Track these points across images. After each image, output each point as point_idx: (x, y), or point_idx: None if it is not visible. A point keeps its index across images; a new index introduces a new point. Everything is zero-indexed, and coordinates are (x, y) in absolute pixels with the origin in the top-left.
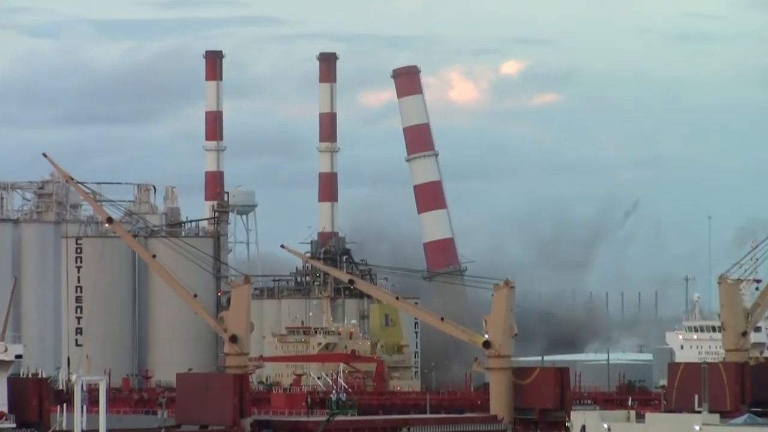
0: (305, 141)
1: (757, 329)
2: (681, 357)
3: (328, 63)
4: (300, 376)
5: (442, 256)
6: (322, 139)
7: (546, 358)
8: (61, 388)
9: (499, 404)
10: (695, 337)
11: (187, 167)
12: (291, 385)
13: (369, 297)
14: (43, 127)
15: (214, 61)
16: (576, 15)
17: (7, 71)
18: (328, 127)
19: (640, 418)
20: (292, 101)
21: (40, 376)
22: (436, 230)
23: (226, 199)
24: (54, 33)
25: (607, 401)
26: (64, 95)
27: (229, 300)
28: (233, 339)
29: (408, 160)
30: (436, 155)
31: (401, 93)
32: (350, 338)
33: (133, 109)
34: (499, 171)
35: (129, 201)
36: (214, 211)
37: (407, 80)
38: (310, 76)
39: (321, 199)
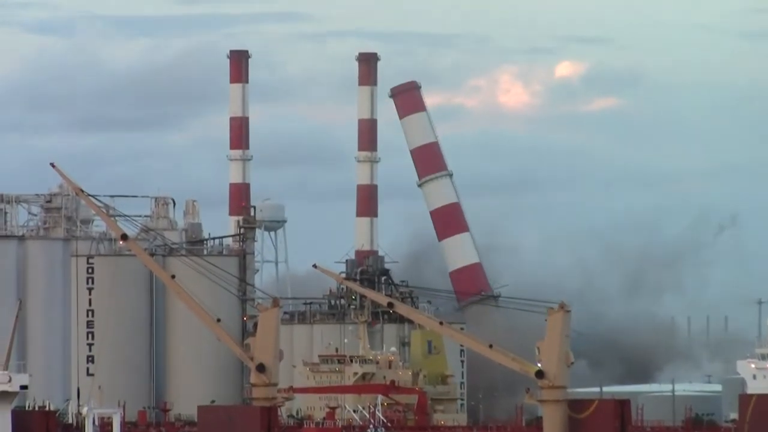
0: (341, 150)
1: None
2: (753, 388)
3: (368, 64)
4: (334, 409)
5: (472, 284)
6: (361, 147)
7: (605, 389)
8: (70, 421)
9: None
10: None
11: (210, 179)
12: (324, 418)
13: (410, 322)
14: (52, 134)
15: (239, 62)
16: (635, 10)
17: (12, 72)
18: (368, 134)
19: None
20: (326, 106)
21: (47, 408)
22: (461, 257)
23: (252, 213)
24: (64, 30)
25: None
26: (75, 98)
27: (255, 325)
28: (260, 368)
29: (420, 185)
30: (450, 175)
31: (403, 113)
32: (389, 367)
33: (152, 114)
34: (555, 182)
35: (145, 216)
36: (239, 227)
37: (408, 98)
38: (346, 79)
39: (359, 213)
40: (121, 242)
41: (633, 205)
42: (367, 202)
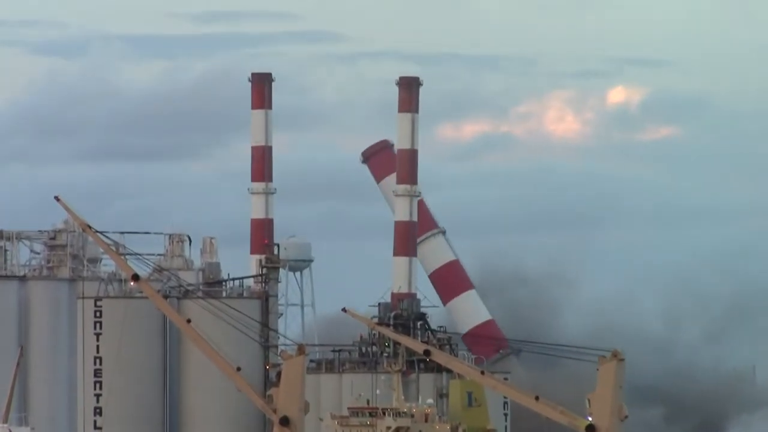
0: (372, 182)
1: None
2: None
3: (408, 89)
4: None
5: (489, 344)
6: (400, 180)
7: None
8: None
9: None
10: None
11: (230, 214)
12: None
13: (449, 371)
14: (61, 165)
15: (261, 86)
16: (699, 31)
17: (18, 96)
18: (408, 166)
19: None
20: (360, 134)
21: None
22: (470, 317)
23: (275, 252)
24: (76, 51)
25: None
26: (87, 126)
27: (279, 374)
28: (284, 421)
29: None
30: (443, 232)
31: (379, 176)
32: (426, 421)
33: (170, 143)
34: (617, 217)
35: (159, 254)
36: (261, 267)
37: (383, 159)
38: (381, 104)
39: (397, 252)
40: (132, 283)
41: (708, 242)
42: (406, 240)
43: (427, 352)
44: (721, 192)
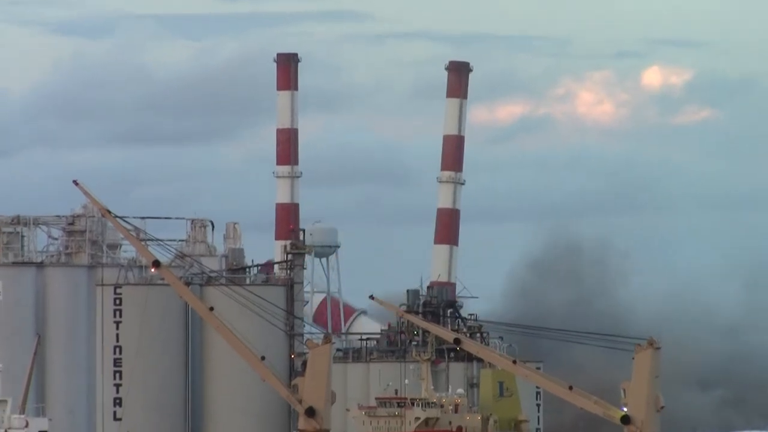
0: (411, 167)
1: None
2: None
3: (458, 74)
4: None
5: None
6: (444, 167)
7: None
8: None
9: None
10: None
11: (255, 199)
12: None
13: (479, 360)
14: (86, 148)
15: (287, 67)
16: (736, 10)
17: (43, 78)
18: (454, 153)
19: None
20: (394, 117)
21: None
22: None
23: (301, 238)
24: (97, 31)
25: None
26: (113, 108)
27: (305, 363)
28: (310, 412)
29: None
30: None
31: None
32: (456, 411)
33: (198, 126)
34: (650, 204)
35: (181, 240)
36: (286, 253)
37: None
38: (417, 86)
39: (438, 240)
40: (152, 270)
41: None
42: (448, 227)
43: (457, 341)
44: (761, 179)
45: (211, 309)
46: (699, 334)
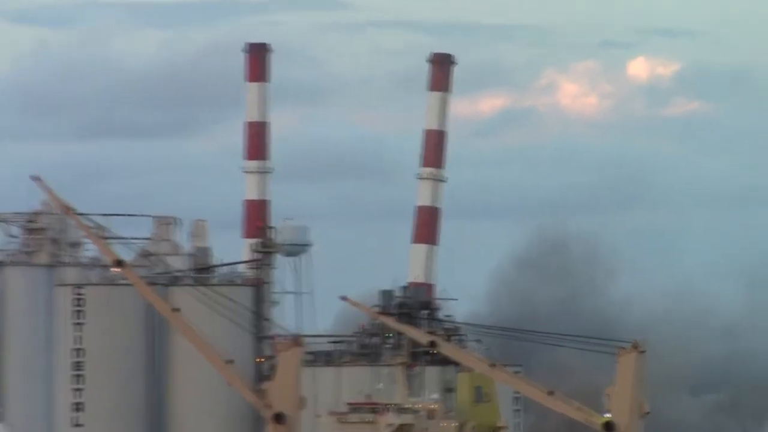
0: (389, 163)
1: None
2: None
3: (441, 67)
4: None
5: None
6: (426, 163)
7: None
8: None
9: None
10: None
11: (224, 195)
12: None
13: (456, 364)
14: (48, 142)
15: (257, 57)
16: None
17: (2, 69)
18: (435, 148)
19: None
20: (373, 110)
21: None
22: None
23: (270, 236)
24: (61, 20)
25: None
26: (77, 101)
27: (273, 367)
28: (279, 418)
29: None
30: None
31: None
32: (431, 417)
33: (162, 119)
34: (640, 201)
35: (145, 238)
36: (255, 252)
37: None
38: (397, 78)
39: (417, 239)
40: (115, 269)
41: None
42: (427, 226)
43: (432, 344)
44: (756, 177)
45: (177, 310)
46: (694, 335)
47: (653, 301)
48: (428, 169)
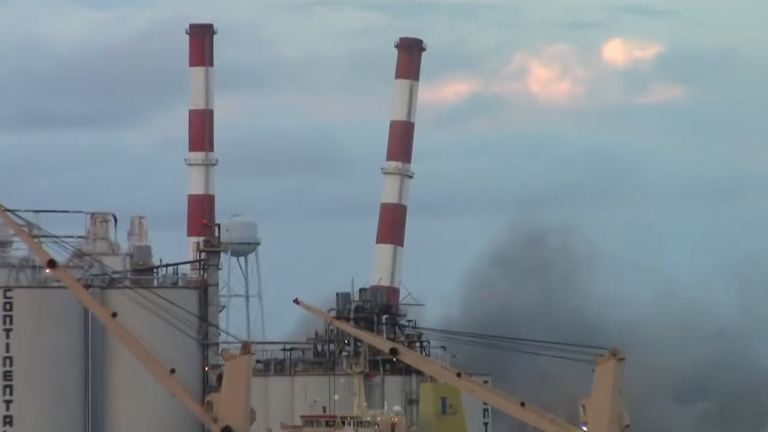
0: (344, 154)
1: None
2: None
3: (409, 53)
4: None
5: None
6: (391, 156)
7: None
8: None
9: None
10: None
11: (164, 189)
12: None
13: (419, 373)
14: None
15: (201, 39)
16: None
17: None
18: (402, 141)
19: None
20: (326, 96)
21: None
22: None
23: (216, 234)
24: None
25: None
26: (2, 88)
27: (220, 377)
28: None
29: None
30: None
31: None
32: (392, 431)
33: (98, 107)
34: (619, 194)
35: (79, 237)
36: (199, 251)
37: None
38: (352, 62)
39: (381, 239)
40: (47, 270)
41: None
42: (392, 225)
43: (393, 351)
44: (742, 166)
45: (114, 315)
46: (681, 338)
47: (638, 302)
48: (394, 163)
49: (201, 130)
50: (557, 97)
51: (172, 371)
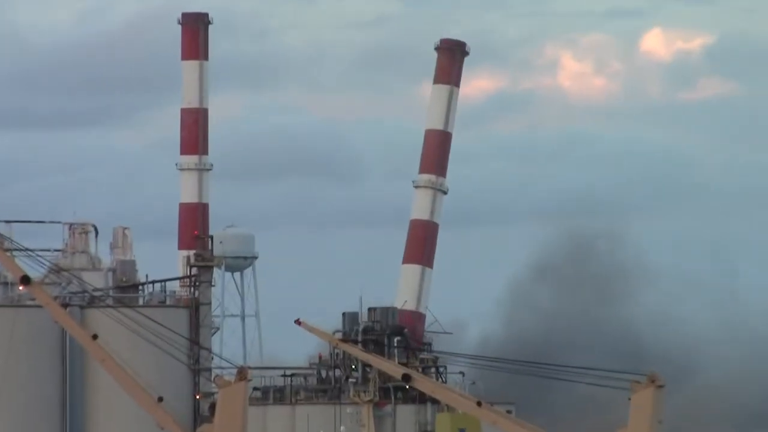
0: (353, 157)
1: None
2: None
3: (451, 56)
4: None
5: None
6: (424, 169)
7: None
8: None
9: None
10: None
11: (152, 197)
12: None
13: (435, 402)
14: None
15: (195, 30)
16: None
17: None
18: (438, 152)
19: None
20: (331, 94)
21: None
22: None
23: (209, 246)
24: None
25: None
26: None
27: (213, 406)
28: None
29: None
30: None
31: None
32: None
33: (81, 106)
34: (672, 202)
35: (57, 250)
36: (190, 266)
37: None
38: (360, 56)
39: (408, 259)
40: (21, 287)
41: None
42: (422, 244)
43: (406, 377)
44: None
45: (95, 337)
46: (751, 361)
47: (697, 321)
48: (427, 176)
49: (194, 131)
50: (591, 93)
51: (160, 399)
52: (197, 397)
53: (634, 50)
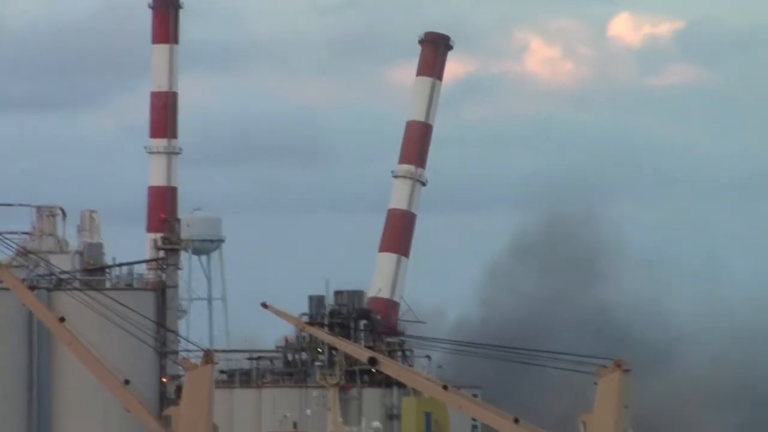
0: (322, 142)
1: None
2: None
3: (434, 50)
4: None
5: None
6: (404, 159)
7: None
8: None
9: None
10: None
11: (121, 180)
12: None
13: (401, 386)
14: None
15: (165, 14)
16: None
17: None
18: (418, 143)
19: None
20: (305, 77)
21: None
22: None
23: (176, 230)
24: None
25: None
26: None
27: (179, 389)
28: None
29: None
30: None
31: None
32: None
33: (50, 89)
34: (647, 187)
35: (24, 233)
36: (157, 249)
37: None
38: (333, 38)
39: (384, 247)
40: None
41: None
42: (399, 233)
43: (372, 361)
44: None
45: (62, 320)
46: (727, 347)
47: (677, 302)
48: (406, 167)
49: (163, 115)
50: (561, 78)
51: (126, 382)
52: (163, 379)
53: (603, 35)
